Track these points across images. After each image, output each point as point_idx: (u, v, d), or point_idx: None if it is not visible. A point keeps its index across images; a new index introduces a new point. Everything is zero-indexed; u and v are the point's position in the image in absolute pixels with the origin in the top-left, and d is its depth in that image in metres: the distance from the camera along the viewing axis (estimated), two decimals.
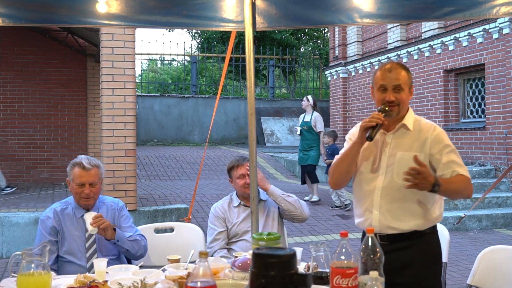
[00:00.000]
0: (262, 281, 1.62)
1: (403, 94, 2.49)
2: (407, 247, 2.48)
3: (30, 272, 2.08)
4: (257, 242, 2.36)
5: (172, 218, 7.05)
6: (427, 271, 2.49)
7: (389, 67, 2.53)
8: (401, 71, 2.50)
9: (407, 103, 2.53)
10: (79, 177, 3.03)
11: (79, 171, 3.04)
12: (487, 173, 9.24)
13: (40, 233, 3.05)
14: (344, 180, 2.65)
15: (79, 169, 3.05)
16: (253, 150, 3.01)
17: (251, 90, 3.00)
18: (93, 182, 3.04)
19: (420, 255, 2.48)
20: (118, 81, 6.42)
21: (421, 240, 2.49)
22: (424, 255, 2.49)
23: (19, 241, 6.32)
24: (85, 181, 3.03)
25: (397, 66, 2.54)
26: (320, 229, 7.45)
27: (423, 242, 2.49)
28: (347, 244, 1.96)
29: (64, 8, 2.95)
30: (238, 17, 3.13)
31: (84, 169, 3.04)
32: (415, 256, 2.48)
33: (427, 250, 2.50)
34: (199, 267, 1.69)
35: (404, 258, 2.45)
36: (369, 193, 2.55)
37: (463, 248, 6.59)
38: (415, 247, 2.48)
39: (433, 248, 2.53)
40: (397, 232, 2.49)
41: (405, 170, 2.39)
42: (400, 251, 2.46)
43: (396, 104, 2.48)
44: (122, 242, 3.00)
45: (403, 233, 2.48)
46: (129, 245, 3.02)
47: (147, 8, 3.05)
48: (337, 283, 1.90)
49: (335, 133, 8.99)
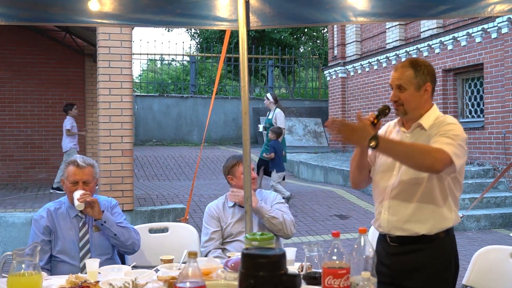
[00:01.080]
0: (251, 281, 1.61)
1: (406, 93, 2.40)
2: (417, 250, 2.39)
3: (21, 272, 2.07)
4: (250, 242, 2.33)
5: (169, 218, 7.04)
6: (438, 277, 2.38)
7: (397, 65, 2.47)
8: (407, 70, 2.40)
9: (414, 102, 2.41)
10: (73, 175, 3.03)
11: (73, 169, 3.04)
12: (485, 173, 9.23)
13: (33, 232, 3.04)
14: (359, 179, 2.60)
15: (73, 167, 3.05)
16: (247, 149, 3.00)
17: (245, 89, 2.98)
18: (86, 180, 3.04)
19: (430, 260, 2.38)
20: (115, 80, 6.41)
21: (433, 245, 2.38)
22: (435, 260, 2.38)
23: (15, 241, 6.30)
24: (79, 179, 3.02)
25: (405, 64, 2.44)
26: (318, 229, 7.43)
27: (435, 247, 2.38)
28: (339, 244, 1.94)
29: (57, 7, 2.94)
30: (232, 15, 3.12)
31: (78, 167, 3.04)
32: (426, 261, 2.38)
33: (438, 255, 2.39)
34: (189, 267, 1.68)
35: (414, 262, 2.38)
36: (381, 193, 2.49)
37: (461, 248, 6.57)
38: (426, 251, 2.38)
39: (446, 254, 2.40)
40: (406, 234, 2.40)
41: (412, 171, 2.34)
42: (410, 254, 2.39)
43: (400, 103, 2.42)
44: (109, 224, 2.98)
45: (412, 236, 2.39)
46: (117, 229, 3.00)
47: (140, 7, 3.04)
48: (328, 284, 1.89)
49: (280, 130, 9.06)
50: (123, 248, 3.08)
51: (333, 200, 8.93)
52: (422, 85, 2.40)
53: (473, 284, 2.77)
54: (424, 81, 2.41)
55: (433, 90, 2.47)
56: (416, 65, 2.41)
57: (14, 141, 10.37)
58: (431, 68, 2.46)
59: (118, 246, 3.07)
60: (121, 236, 3.01)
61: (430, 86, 2.43)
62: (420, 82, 2.40)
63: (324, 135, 15.79)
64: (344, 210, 8.41)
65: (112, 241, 3.04)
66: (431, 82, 2.44)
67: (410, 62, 2.44)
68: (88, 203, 2.94)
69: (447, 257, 2.41)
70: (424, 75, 2.41)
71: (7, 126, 10.34)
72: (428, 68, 2.43)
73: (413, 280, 2.37)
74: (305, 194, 9.33)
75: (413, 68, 2.40)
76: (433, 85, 2.45)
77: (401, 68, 2.43)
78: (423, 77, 2.40)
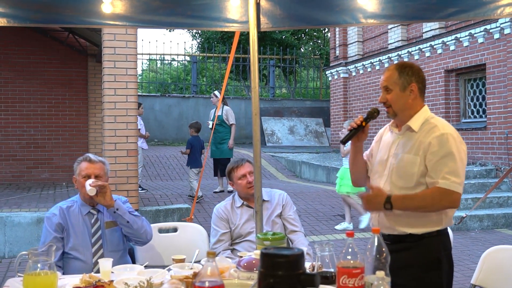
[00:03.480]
0: (270, 280, 1.63)
1: (393, 94, 2.49)
2: (407, 248, 2.47)
3: (37, 272, 2.09)
4: (262, 242, 2.36)
5: (174, 218, 7.06)
6: (426, 275, 2.45)
7: (387, 68, 2.57)
8: (392, 71, 2.50)
9: (400, 103, 2.48)
10: (85, 169, 3.07)
11: (85, 164, 3.09)
12: (488, 173, 9.25)
13: (46, 230, 3.07)
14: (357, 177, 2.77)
15: (86, 162, 3.09)
16: (257, 150, 3.02)
17: (256, 90, 3.00)
18: (98, 175, 3.07)
19: (419, 258, 2.46)
20: (120, 81, 6.43)
21: (421, 243, 2.46)
22: (424, 258, 2.46)
23: (21, 241, 6.32)
24: (91, 173, 3.05)
25: (392, 67, 2.54)
26: (321, 229, 7.46)
27: (422, 246, 2.46)
28: (353, 244, 1.97)
29: (69, 9, 2.96)
30: (243, 17, 3.14)
31: (90, 162, 3.09)
32: (414, 259, 2.46)
33: (426, 254, 2.46)
34: (207, 266, 1.70)
35: (404, 260, 2.43)
36: None
37: (464, 248, 6.60)
38: (414, 250, 2.46)
39: (434, 253, 2.46)
40: (395, 233, 2.50)
41: (402, 172, 2.46)
42: (401, 252, 2.44)
43: (388, 105, 2.51)
44: (122, 212, 3.01)
45: (401, 235, 2.48)
46: (129, 217, 3.02)
47: (151, 9, 3.06)
48: (343, 283, 1.91)
49: (198, 124, 9.24)
50: (136, 237, 3.08)
51: (336, 200, 8.95)
52: (407, 85, 2.49)
53: (482, 284, 2.79)
54: (409, 81, 2.49)
55: (420, 90, 2.53)
56: (401, 67, 2.51)
57: (17, 141, 10.38)
58: (416, 69, 2.54)
59: (130, 235, 3.08)
60: (134, 224, 3.02)
61: (416, 87, 2.50)
62: (404, 82, 2.48)
63: (325, 135, 15.82)
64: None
65: (125, 230, 3.05)
66: (417, 83, 2.51)
67: (396, 64, 2.56)
68: (100, 188, 2.96)
69: (436, 255, 2.47)
70: (409, 76, 2.49)
71: (10, 126, 10.35)
72: (412, 69, 2.52)
73: (401, 278, 2.40)
74: (308, 194, 9.35)
75: (398, 69, 2.50)
76: (419, 85, 2.52)
77: (387, 70, 2.54)
78: (407, 77, 2.49)
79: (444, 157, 2.38)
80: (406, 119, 2.52)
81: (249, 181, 3.38)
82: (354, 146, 2.68)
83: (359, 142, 2.63)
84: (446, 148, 2.38)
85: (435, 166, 2.38)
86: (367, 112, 2.55)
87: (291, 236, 3.44)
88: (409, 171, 2.45)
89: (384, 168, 2.56)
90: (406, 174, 2.46)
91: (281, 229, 3.43)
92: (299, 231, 3.46)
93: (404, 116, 2.51)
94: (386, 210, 2.41)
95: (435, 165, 2.38)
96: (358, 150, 2.65)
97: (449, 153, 2.38)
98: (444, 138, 2.40)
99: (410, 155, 2.45)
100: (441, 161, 2.38)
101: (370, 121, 2.53)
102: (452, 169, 2.36)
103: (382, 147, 2.63)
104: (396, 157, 2.51)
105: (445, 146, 2.39)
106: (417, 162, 2.42)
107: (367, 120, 2.51)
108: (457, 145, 2.40)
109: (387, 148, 2.59)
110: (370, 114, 2.55)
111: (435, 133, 2.42)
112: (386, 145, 2.60)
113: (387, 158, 2.57)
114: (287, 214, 3.47)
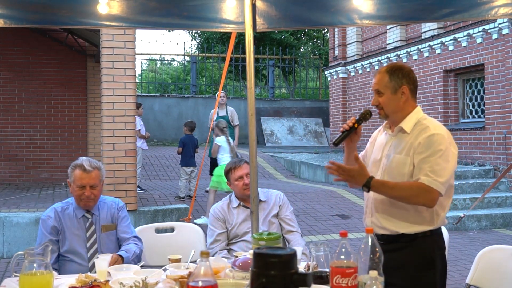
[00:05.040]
0: (262, 280, 1.64)
1: (384, 97, 2.51)
2: (400, 248, 2.48)
3: (32, 271, 2.10)
4: (257, 242, 2.37)
5: (172, 218, 7.07)
6: (420, 275, 2.46)
7: (378, 70, 2.60)
8: (383, 75, 2.51)
9: (392, 105, 2.50)
10: (79, 179, 3.03)
11: (80, 173, 3.04)
12: (486, 173, 9.26)
13: (41, 232, 3.07)
14: None
15: (80, 171, 3.04)
16: (253, 151, 3.03)
17: (252, 91, 3.01)
18: (93, 185, 3.05)
19: (413, 258, 2.47)
20: (118, 81, 6.44)
21: (414, 243, 2.47)
22: (418, 258, 2.47)
23: (19, 241, 6.33)
24: (86, 183, 3.03)
25: (382, 69, 2.54)
26: (320, 229, 7.47)
27: (414, 246, 2.47)
28: (347, 244, 1.97)
29: (65, 9, 2.97)
30: (239, 18, 3.15)
31: (85, 171, 3.04)
32: (408, 259, 2.47)
33: (420, 253, 2.47)
34: (200, 266, 1.71)
35: (397, 260, 2.44)
36: (368, 193, 2.58)
37: (462, 248, 6.61)
38: (408, 250, 2.47)
39: (428, 252, 2.47)
40: (388, 233, 2.51)
41: (394, 172, 2.47)
42: (395, 252, 2.45)
43: (380, 107, 2.53)
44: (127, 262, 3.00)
45: (394, 235, 2.50)
46: (132, 262, 3.01)
47: (147, 9, 3.07)
48: (337, 283, 1.92)
49: (193, 123, 9.28)
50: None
51: (334, 200, 8.97)
52: (398, 88, 2.49)
53: (476, 283, 2.80)
54: (400, 84, 2.50)
55: (412, 92, 2.53)
56: (391, 69, 2.52)
57: (16, 141, 10.39)
58: (406, 70, 2.53)
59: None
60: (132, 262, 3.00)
61: (407, 88, 2.51)
62: (395, 85, 2.49)
63: (324, 135, 15.83)
64: (346, 210, 8.44)
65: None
66: (408, 84, 2.51)
67: (386, 66, 2.56)
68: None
69: (429, 255, 2.47)
70: (399, 79, 2.50)
71: (9, 126, 10.37)
72: (403, 71, 2.52)
73: (396, 278, 2.41)
74: (306, 194, 9.36)
75: (388, 72, 2.51)
76: (410, 87, 2.52)
77: (378, 73, 2.55)
78: (398, 80, 2.49)
79: (431, 156, 2.38)
80: (399, 120, 2.53)
81: (245, 183, 3.40)
82: (347, 147, 2.70)
83: (352, 143, 2.66)
84: (434, 147, 2.39)
85: (419, 163, 2.39)
86: (359, 114, 2.58)
87: (288, 236, 3.45)
88: (401, 172, 2.46)
89: (378, 168, 2.58)
90: (398, 175, 2.47)
91: (278, 229, 3.45)
92: (296, 231, 3.47)
93: (397, 117, 2.53)
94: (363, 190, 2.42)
95: (420, 162, 2.39)
96: (351, 151, 2.67)
97: (436, 152, 2.38)
98: (434, 138, 2.40)
99: (401, 156, 2.47)
100: (427, 159, 2.38)
101: (362, 123, 2.56)
102: (436, 167, 2.35)
103: (376, 148, 2.65)
104: (388, 157, 2.53)
105: (433, 145, 2.39)
106: (408, 163, 2.44)
107: (359, 122, 2.54)
108: (446, 145, 2.40)
109: (380, 148, 2.62)
110: (362, 116, 2.58)
111: (426, 133, 2.43)
112: (380, 146, 2.62)
113: (380, 159, 2.59)
114: (283, 214, 3.48)
